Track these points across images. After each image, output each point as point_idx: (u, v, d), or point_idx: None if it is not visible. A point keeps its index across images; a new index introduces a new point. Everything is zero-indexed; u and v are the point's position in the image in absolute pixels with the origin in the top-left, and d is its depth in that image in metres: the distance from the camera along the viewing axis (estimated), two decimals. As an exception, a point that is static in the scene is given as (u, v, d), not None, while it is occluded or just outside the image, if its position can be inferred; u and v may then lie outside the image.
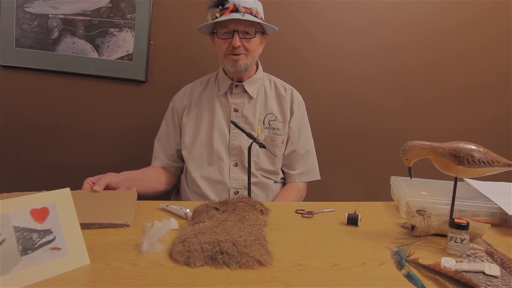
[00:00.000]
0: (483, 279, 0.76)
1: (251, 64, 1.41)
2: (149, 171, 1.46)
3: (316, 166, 1.55)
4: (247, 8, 1.35)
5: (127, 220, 0.95)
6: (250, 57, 1.39)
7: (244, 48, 1.37)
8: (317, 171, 1.55)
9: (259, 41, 1.42)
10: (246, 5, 1.35)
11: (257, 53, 1.43)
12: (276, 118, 1.45)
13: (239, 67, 1.38)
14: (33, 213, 0.72)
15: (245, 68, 1.40)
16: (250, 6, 1.35)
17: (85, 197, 1.08)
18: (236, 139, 1.42)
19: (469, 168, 0.89)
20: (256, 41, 1.39)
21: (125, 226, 0.94)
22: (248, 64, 1.40)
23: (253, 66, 1.45)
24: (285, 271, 0.77)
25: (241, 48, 1.36)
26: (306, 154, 1.51)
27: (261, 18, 1.40)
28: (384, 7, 1.83)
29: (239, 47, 1.35)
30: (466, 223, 0.87)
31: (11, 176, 1.76)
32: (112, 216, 0.97)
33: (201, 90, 1.51)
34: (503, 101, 1.92)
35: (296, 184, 1.51)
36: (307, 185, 1.54)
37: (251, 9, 1.35)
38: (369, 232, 0.99)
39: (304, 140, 1.51)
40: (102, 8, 1.71)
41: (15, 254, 0.68)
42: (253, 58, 1.41)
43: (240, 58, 1.37)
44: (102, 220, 0.94)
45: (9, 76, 1.74)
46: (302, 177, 1.51)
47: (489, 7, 1.85)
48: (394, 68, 1.88)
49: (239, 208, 1.00)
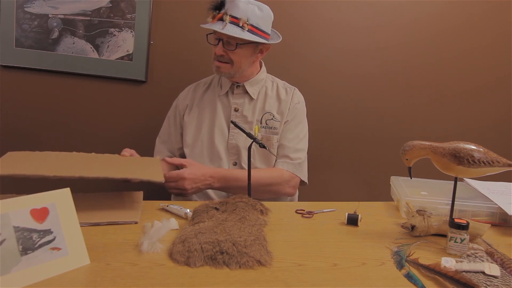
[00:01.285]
0: (483, 279, 0.76)
1: (235, 73, 1.38)
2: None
3: (304, 167, 1.46)
4: (235, 18, 1.30)
5: (136, 218, 0.98)
6: (235, 67, 1.36)
7: (228, 58, 1.35)
8: (304, 172, 1.45)
9: (247, 52, 1.37)
10: (236, 14, 1.30)
11: (245, 64, 1.38)
12: (273, 117, 1.44)
13: (220, 74, 1.38)
14: (33, 213, 0.72)
15: (229, 76, 1.39)
16: (241, 16, 1.29)
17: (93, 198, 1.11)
18: (235, 139, 1.42)
19: (469, 168, 0.89)
20: (241, 52, 1.35)
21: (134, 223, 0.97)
22: (232, 73, 1.38)
23: (244, 72, 1.42)
24: (285, 271, 0.77)
25: (225, 57, 1.35)
26: (295, 151, 1.43)
27: (254, 28, 1.32)
28: (384, 7, 1.83)
29: (222, 55, 1.34)
30: (466, 223, 0.87)
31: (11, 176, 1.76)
32: (121, 214, 1.00)
33: (204, 90, 1.52)
34: (503, 101, 1.92)
35: (279, 169, 1.39)
36: (294, 183, 1.42)
37: (240, 19, 1.29)
38: (369, 232, 0.99)
39: (295, 135, 1.44)
40: (102, 8, 1.71)
41: (15, 254, 0.68)
42: (238, 68, 1.37)
43: (222, 66, 1.36)
44: (111, 218, 0.97)
45: (9, 76, 1.74)
46: (285, 164, 1.40)
47: (489, 7, 1.85)
48: (394, 68, 1.88)
49: (239, 208, 1.00)
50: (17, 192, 1.04)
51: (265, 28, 1.37)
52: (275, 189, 1.38)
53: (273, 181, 1.37)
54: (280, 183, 1.38)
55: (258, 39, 1.33)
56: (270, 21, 1.39)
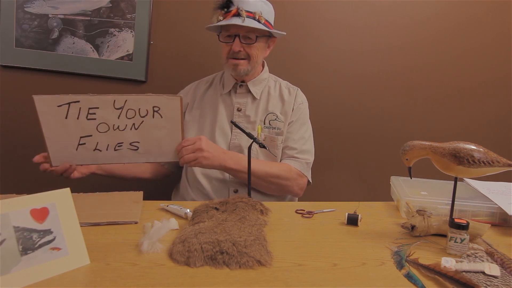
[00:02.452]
0: (483, 279, 0.76)
1: (252, 69, 1.40)
2: None
3: (309, 166, 1.44)
4: (250, 12, 1.32)
5: (136, 218, 0.99)
6: (252, 62, 1.38)
7: (245, 53, 1.36)
8: (309, 171, 1.44)
9: (262, 46, 1.39)
10: (250, 9, 1.32)
11: (260, 58, 1.41)
12: (277, 118, 1.43)
13: (238, 72, 1.38)
14: (33, 213, 0.72)
15: (245, 73, 1.39)
16: (254, 10, 1.32)
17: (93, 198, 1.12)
18: (237, 139, 1.42)
19: (469, 168, 0.89)
20: (259, 46, 1.37)
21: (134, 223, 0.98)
22: (249, 69, 1.39)
23: (256, 69, 1.43)
24: (285, 271, 0.77)
25: (242, 52, 1.35)
26: (302, 152, 1.43)
27: (266, 22, 1.36)
28: (384, 7, 1.83)
29: (239, 51, 1.34)
30: (466, 223, 0.87)
31: (11, 176, 1.76)
32: (121, 214, 1.01)
33: (205, 89, 1.52)
34: (503, 101, 1.92)
35: (288, 164, 1.39)
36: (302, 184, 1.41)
37: (254, 13, 1.32)
38: (369, 232, 0.99)
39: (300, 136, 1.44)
40: (102, 8, 1.71)
41: (15, 254, 0.69)
42: (255, 63, 1.39)
43: (240, 63, 1.36)
44: (111, 218, 0.98)
45: (9, 76, 1.73)
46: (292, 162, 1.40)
47: (489, 7, 1.85)
48: (394, 68, 1.88)
49: (239, 208, 1.00)
50: (17, 192, 1.04)
51: (272, 21, 1.41)
52: (283, 184, 1.36)
53: (282, 174, 1.35)
54: (289, 179, 1.37)
55: (274, 30, 1.37)
56: (273, 15, 1.42)
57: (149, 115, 1.16)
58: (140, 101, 1.13)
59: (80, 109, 1.11)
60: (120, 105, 1.12)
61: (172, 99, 1.15)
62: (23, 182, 1.77)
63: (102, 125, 1.14)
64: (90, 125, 1.13)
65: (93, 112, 1.12)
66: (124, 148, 1.19)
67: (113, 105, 1.12)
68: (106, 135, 1.15)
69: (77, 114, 1.12)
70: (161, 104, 1.14)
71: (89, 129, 1.14)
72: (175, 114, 1.17)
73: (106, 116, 1.14)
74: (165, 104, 1.15)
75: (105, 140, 1.16)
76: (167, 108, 1.15)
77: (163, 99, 1.14)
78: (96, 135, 1.15)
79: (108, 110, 1.13)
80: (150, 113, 1.16)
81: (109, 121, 1.14)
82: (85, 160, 1.19)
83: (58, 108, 1.11)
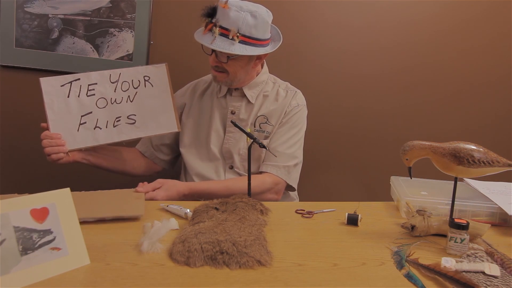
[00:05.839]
0: (483, 279, 0.76)
1: (232, 81, 1.35)
2: (124, 150, 1.45)
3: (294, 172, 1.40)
4: (225, 29, 1.24)
5: (141, 211, 1.00)
6: (231, 76, 1.33)
7: (223, 67, 1.31)
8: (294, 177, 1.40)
9: (242, 64, 1.32)
10: (227, 25, 1.24)
11: (241, 73, 1.34)
12: (267, 121, 1.40)
13: (218, 83, 1.38)
14: (33, 213, 0.72)
15: (226, 84, 1.38)
16: (231, 27, 1.23)
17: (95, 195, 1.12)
18: (228, 143, 1.40)
19: (469, 168, 0.89)
20: (235, 64, 1.30)
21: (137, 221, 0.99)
22: (229, 82, 1.36)
23: (243, 79, 1.38)
24: (285, 271, 0.77)
25: (219, 66, 1.32)
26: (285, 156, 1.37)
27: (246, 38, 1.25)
28: (384, 7, 1.83)
29: (216, 66, 1.32)
30: (466, 223, 0.87)
31: (11, 176, 1.76)
32: (126, 209, 1.02)
33: (204, 89, 1.50)
34: (503, 101, 1.92)
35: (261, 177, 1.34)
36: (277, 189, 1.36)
37: (230, 31, 1.23)
38: (369, 232, 0.99)
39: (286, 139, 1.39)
40: (102, 8, 1.71)
41: (15, 254, 0.69)
42: (235, 78, 1.34)
43: (218, 76, 1.34)
44: (117, 213, 0.98)
45: (9, 76, 1.73)
46: (269, 167, 1.35)
47: (489, 7, 1.85)
48: (394, 68, 1.88)
49: (239, 208, 1.00)
50: (17, 192, 1.04)
51: (260, 35, 1.29)
52: (257, 197, 1.27)
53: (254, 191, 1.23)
54: (262, 192, 1.32)
55: (249, 51, 1.26)
56: (266, 26, 1.30)
57: (141, 85, 1.30)
58: (132, 73, 1.29)
59: (80, 87, 1.25)
60: (115, 78, 1.27)
61: (159, 67, 1.32)
62: (23, 182, 1.77)
63: (101, 100, 1.27)
64: (90, 101, 1.26)
65: (92, 88, 1.26)
66: (122, 123, 1.29)
67: (109, 79, 1.27)
68: (105, 110, 1.27)
69: (78, 92, 1.25)
70: (150, 73, 1.30)
71: (89, 105, 1.26)
72: (163, 81, 1.32)
73: (104, 91, 1.27)
74: (153, 73, 1.31)
75: (104, 116, 1.27)
76: (156, 77, 1.31)
77: (150, 67, 1.32)
78: (96, 112, 1.27)
79: (106, 85, 1.27)
80: (142, 83, 1.30)
81: (107, 95, 1.27)
82: (86, 141, 1.27)
83: (61, 88, 1.25)
